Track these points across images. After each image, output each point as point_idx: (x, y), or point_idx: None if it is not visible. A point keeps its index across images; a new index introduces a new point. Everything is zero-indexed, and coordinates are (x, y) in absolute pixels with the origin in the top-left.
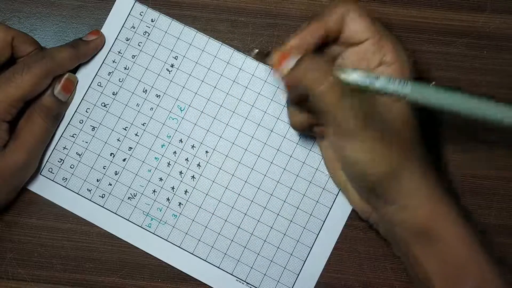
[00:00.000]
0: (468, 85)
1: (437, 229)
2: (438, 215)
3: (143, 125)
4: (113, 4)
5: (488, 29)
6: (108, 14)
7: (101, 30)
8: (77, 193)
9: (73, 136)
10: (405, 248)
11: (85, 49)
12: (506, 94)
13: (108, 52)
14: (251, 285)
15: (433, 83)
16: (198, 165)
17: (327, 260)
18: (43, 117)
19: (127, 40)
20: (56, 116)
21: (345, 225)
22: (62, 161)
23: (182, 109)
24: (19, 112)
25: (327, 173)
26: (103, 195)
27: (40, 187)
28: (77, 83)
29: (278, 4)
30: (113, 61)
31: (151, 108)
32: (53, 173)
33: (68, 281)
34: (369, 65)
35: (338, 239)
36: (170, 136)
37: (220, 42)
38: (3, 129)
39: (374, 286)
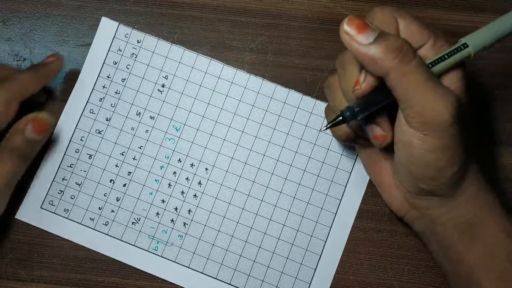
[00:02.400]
0: (469, 85)
1: (484, 223)
2: (484, 210)
3: (140, 148)
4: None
5: None
6: (108, 15)
7: (87, 56)
8: (80, 223)
9: (70, 166)
10: (447, 243)
11: (44, 70)
12: (506, 94)
13: (97, 78)
14: None
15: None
16: (199, 183)
17: None
18: (12, 157)
19: (115, 63)
20: (26, 156)
21: None
22: (62, 192)
23: (177, 128)
24: None
25: (328, 178)
26: (107, 223)
27: (42, 220)
28: (54, 123)
29: (278, 4)
30: (103, 87)
31: (147, 131)
32: (54, 205)
33: (68, 281)
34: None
35: None
36: (168, 157)
37: (210, 58)
38: None
39: (374, 286)
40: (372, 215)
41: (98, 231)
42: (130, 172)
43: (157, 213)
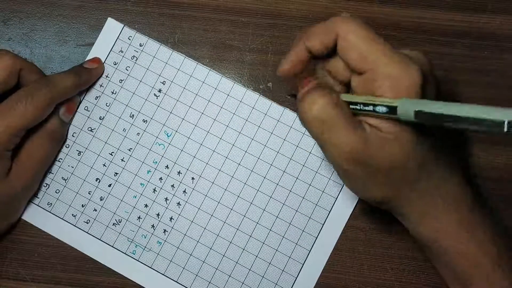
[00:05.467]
0: (469, 86)
1: (440, 246)
2: (441, 233)
3: (129, 150)
4: (106, 20)
5: (489, 30)
6: (108, 15)
7: (90, 53)
8: (62, 218)
9: (59, 161)
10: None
11: (87, 78)
12: (507, 95)
13: None
14: None
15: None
16: (184, 191)
17: (327, 261)
18: (48, 140)
19: (115, 64)
20: (60, 138)
21: (345, 226)
22: (47, 185)
23: (169, 134)
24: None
25: (313, 202)
26: (88, 221)
27: (25, 212)
28: (80, 103)
29: (278, 4)
30: (101, 85)
31: (138, 133)
32: (38, 197)
33: (68, 281)
34: (374, 93)
35: (338, 240)
36: (156, 162)
37: (209, 68)
38: (7, 157)
39: (374, 286)
40: (372, 215)
41: (79, 228)
42: (116, 173)
43: (139, 217)
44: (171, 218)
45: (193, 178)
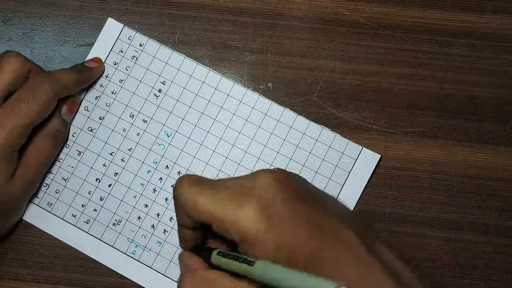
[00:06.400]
0: (469, 86)
1: None
2: None
3: (129, 150)
4: (106, 20)
5: (489, 30)
6: (108, 15)
7: (90, 53)
8: (62, 219)
9: (59, 161)
10: None
11: (88, 75)
12: (506, 95)
13: None
14: None
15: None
16: None
17: None
18: (51, 140)
19: (115, 64)
20: (62, 137)
21: None
22: (47, 185)
23: (169, 135)
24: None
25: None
26: (88, 221)
27: (25, 212)
28: (80, 103)
29: (279, 4)
30: (101, 85)
31: (138, 134)
32: (38, 197)
33: (68, 281)
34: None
35: None
36: (156, 162)
37: (209, 68)
38: (14, 158)
39: None
40: (372, 215)
41: (79, 228)
42: (116, 173)
43: (139, 217)
44: (171, 218)
45: None
